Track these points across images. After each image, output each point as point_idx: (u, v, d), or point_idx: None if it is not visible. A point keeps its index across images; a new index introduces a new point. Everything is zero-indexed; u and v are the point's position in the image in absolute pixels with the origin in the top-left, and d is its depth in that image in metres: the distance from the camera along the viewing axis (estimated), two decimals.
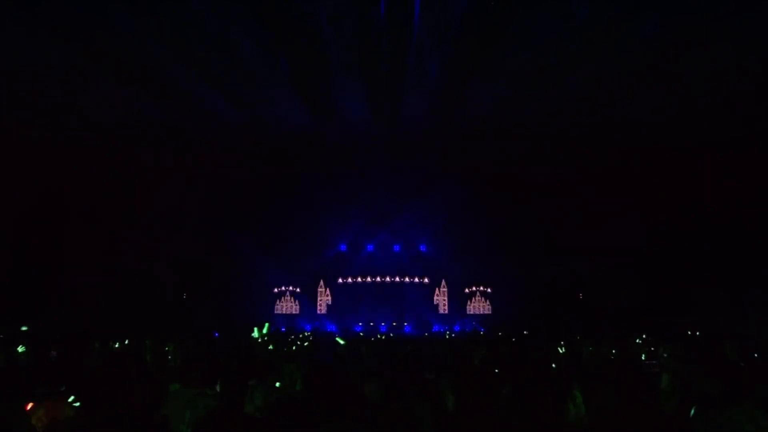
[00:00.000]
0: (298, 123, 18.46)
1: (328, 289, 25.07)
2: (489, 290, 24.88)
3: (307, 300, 24.83)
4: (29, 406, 3.34)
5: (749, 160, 17.33)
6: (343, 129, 19.12)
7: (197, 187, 21.75)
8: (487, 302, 24.82)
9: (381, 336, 18.12)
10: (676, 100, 15.95)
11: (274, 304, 24.67)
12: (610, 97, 16.09)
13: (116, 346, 10.57)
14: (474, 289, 24.96)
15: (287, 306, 24.82)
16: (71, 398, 3.81)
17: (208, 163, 21.07)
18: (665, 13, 12.10)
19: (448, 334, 20.38)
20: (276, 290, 24.75)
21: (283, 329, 22.02)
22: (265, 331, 8.21)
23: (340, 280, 24.96)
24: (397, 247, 25.22)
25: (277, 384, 4.49)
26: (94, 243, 20.32)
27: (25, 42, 12.90)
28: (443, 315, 24.72)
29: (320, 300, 24.94)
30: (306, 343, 11.32)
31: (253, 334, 8.13)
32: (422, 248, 25.25)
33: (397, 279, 24.87)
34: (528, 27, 13.21)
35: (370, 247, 25.26)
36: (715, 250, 18.73)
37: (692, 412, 2.86)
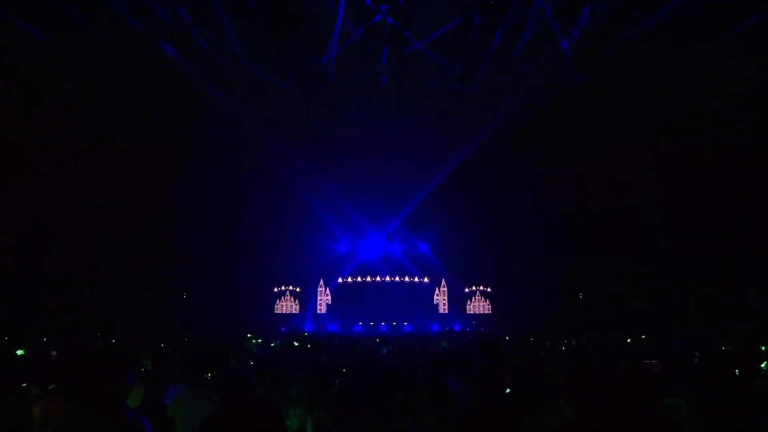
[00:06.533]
0: (299, 123, 18.47)
1: (328, 289, 25.05)
2: (489, 290, 24.87)
3: (307, 300, 24.81)
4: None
5: (750, 160, 17.33)
6: (343, 129, 19.13)
7: (197, 187, 21.74)
8: (487, 302, 24.80)
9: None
10: (676, 99, 15.95)
11: (274, 303, 24.65)
12: (609, 98, 16.10)
13: (114, 345, 10.56)
14: (474, 289, 24.94)
15: (287, 306, 24.80)
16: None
17: (208, 163, 21.05)
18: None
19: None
20: (276, 290, 24.73)
21: (283, 329, 22.00)
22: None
23: (340, 280, 24.95)
24: (397, 247, 25.21)
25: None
26: (93, 243, 20.30)
27: (27, 43, 12.89)
28: (443, 315, 24.71)
29: (320, 300, 24.93)
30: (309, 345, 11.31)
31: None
32: (422, 248, 25.23)
33: (397, 279, 24.85)
34: (527, 29, 13.22)
35: (370, 247, 25.24)
36: (716, 250, 18.72)
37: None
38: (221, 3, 12.40)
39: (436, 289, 25.13)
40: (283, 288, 24.82)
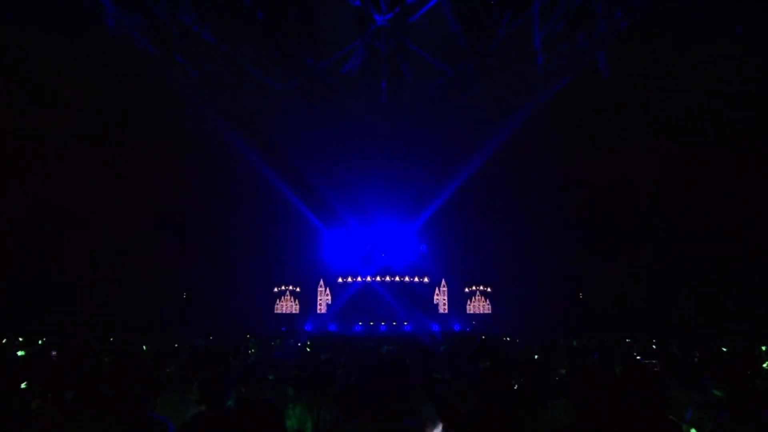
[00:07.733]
0: (300, 124, 18.47)
1: (328, 289, 25.05)
2: (489, 290, 24.87)
3: (307, 300, 24.82)
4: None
5: (750, 159, 17.33)
6: (344, 128, 19.14)
7: (197, 187, 21.73)
8: (487, 302, 24.81)
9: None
10: (676, 99, 15.95)
11: (274, 303, 24.65)
12: (609, 98, 16.10)
13: (114, 347, 10.56)
14: (474, 288, 24.95)
15: (287, 306, 24.80)
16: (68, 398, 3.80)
17: (208, 163, 21.05)
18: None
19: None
20: (276, 290, 24.73)
21: (284, 329, 22.00)
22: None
23: (340, 280, 24.95)
24: (397, 247, 25.20)
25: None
26: (93, 244, 20.29)
27: (28, 40, 12.89)
28: (443, 315, 24.71)
29: (320, 300, 24.93)
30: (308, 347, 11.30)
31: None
32: (422, 248, 25.23)
33: (397, 279, 24.86)
34: (524, 29, 13.23)
35: (369, 247, 25.23)
36: (716, 250, 18.71)
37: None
38: (221, 4, 12.40)
39: (436, 289, 25.13)
40: (283, 288, 24.82)
